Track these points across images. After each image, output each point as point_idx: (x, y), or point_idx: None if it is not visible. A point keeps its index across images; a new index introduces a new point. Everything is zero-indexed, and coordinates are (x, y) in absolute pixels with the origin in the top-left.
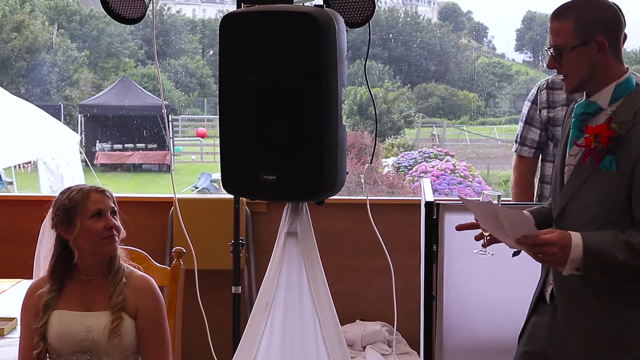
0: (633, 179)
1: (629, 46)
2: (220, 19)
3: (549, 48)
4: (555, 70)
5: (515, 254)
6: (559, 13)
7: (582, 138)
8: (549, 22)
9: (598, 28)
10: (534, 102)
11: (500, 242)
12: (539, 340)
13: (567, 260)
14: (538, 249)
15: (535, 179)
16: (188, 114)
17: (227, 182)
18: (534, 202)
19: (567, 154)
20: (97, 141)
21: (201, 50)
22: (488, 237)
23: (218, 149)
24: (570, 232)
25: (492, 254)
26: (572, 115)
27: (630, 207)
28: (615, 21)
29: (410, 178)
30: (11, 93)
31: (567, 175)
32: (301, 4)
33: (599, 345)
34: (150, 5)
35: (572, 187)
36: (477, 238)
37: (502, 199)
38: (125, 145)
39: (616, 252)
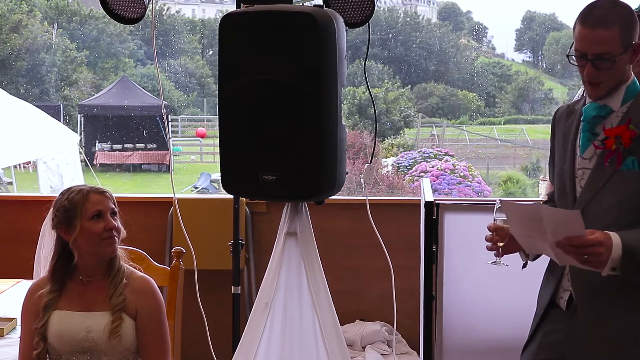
0: None
1: None
2: (219, 19)
3: (583, 55)
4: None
5: (524, 265)
6: (601, 21)
7: (602, 140)
8: (583, 29)
9: (635, 33)
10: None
11: (514, 252)
12: (555, 346)
13: (609, 260)
14: (585, 250)
15: None
16: (187, 114)
17: (227, 182)
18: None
19: (579, 158)
20: (97, 141)
21: (201, 50)
22: (502, 247)
23: (218, 149)
24: (607, 232)
25: (507, 265)
26: (583, 118)
27: None
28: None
29: (410, 178)
30: (10, 93)
31: (580, 180)
32: (301, 4)
33: (624, 343)
34: (150, 5)
35: (591, 191)
36: (490, 249)
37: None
38: (125, 145)
39: None
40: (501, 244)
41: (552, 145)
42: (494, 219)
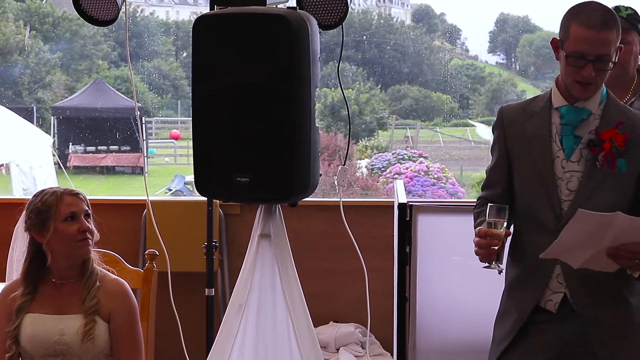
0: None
1: None
2: (193, 21)
3: (582, 56)
4: None
5: (486, 267)
6: (606, 23)
7: (598, 144)
8: (586, 30)
9: (620, 37)
10: None
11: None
12: (549, 347)
13: None
14: (638, 255)
15: None
16: (161, 116)
17: (201, 184)
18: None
19: (563, 161)
20: (70, 143)
21: (174, 52)
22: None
23: (192, 151)
24: None
25: (502, 269)
26: (565, 121)
27: (633, 206)
28: None
29: (384, 180)
30: None
31: (566, 183)
32: (274, 6)
33: (624, 332)
34: (123, 7)
35: (585, 193)
36: (484, 254)
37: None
38: (99, 147)
39: None
40: (496, 248)
41: (503, 147)
42: (488, 222)
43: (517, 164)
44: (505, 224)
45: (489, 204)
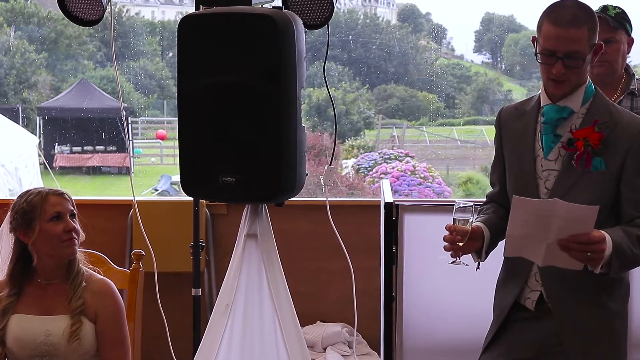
0: (622, 177)
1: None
2: (179, 21)
3: (552, 54)
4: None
5: (478, 267)
6: (574, 21)
7: (572, 142)
8: (554, 28)
9: (597, 35)
10: None
11: (470, 252)
12: (528, 345)
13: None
14: (590, 247)
15: None
16: (147, 116)
17: (187, 184)
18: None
19: (543, 160)
20: (56, 144)
21: (160, 52)
22: (461, 246)
23: (178, 151)
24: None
25: (467, 264)
26: (545, 120)
27: (615, 206)
28: None
29: (371, 179)
30: None
31: (544, 181)
32: (260, 6)
33: (598, 336)
34: (109, 7)
35: (560, 192)
36: (449, 249)
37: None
38: (84, 147)
39: (632, 247)
40: (461, 244)
41: (500, 146)
42: (454, 219)
43: (508, 163)
44: (471, 220)
45: (455, 202)
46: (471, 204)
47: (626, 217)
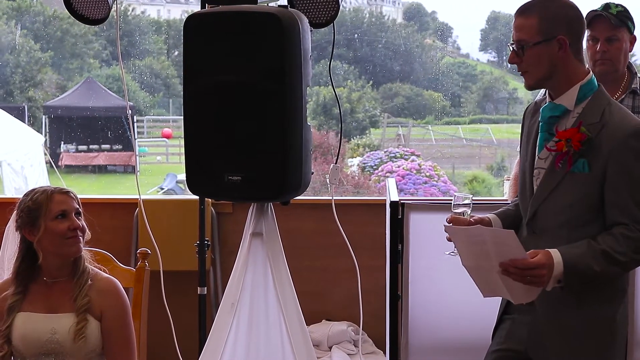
0: (605, 180)
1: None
2: (184, 20)
3: (511, 43)
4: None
5: (449, 253)
6: (524, 9)
7: (554, 142)
8: (514, 18)
9: (561, 27)
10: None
11: None
12: (518, 339)
13: (551, 278)
14: (527, 272)
15: None
16: (153, 115)
17: (192, 183)
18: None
19: (537, 158)
20: (62, 142)
21: (166, 51)
22: None
23: (183, 150)
24: (549, 250)
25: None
26: (540, 118)
27: (602, 207)
28: (578, 22)
29: (376, 178)
30: None
31: (536, 179)
32: (265, 5)
33: (577, 337)
34: (114, 5)
35: (545, 191)
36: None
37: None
38: (90, 146)
39: (593, 264)
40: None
41: (520, 143)
42: (453, 212)
43: (520, 159)
44: (469, 211)
45: (454, 193)
46: (468, 196)
47: (608, 221)
